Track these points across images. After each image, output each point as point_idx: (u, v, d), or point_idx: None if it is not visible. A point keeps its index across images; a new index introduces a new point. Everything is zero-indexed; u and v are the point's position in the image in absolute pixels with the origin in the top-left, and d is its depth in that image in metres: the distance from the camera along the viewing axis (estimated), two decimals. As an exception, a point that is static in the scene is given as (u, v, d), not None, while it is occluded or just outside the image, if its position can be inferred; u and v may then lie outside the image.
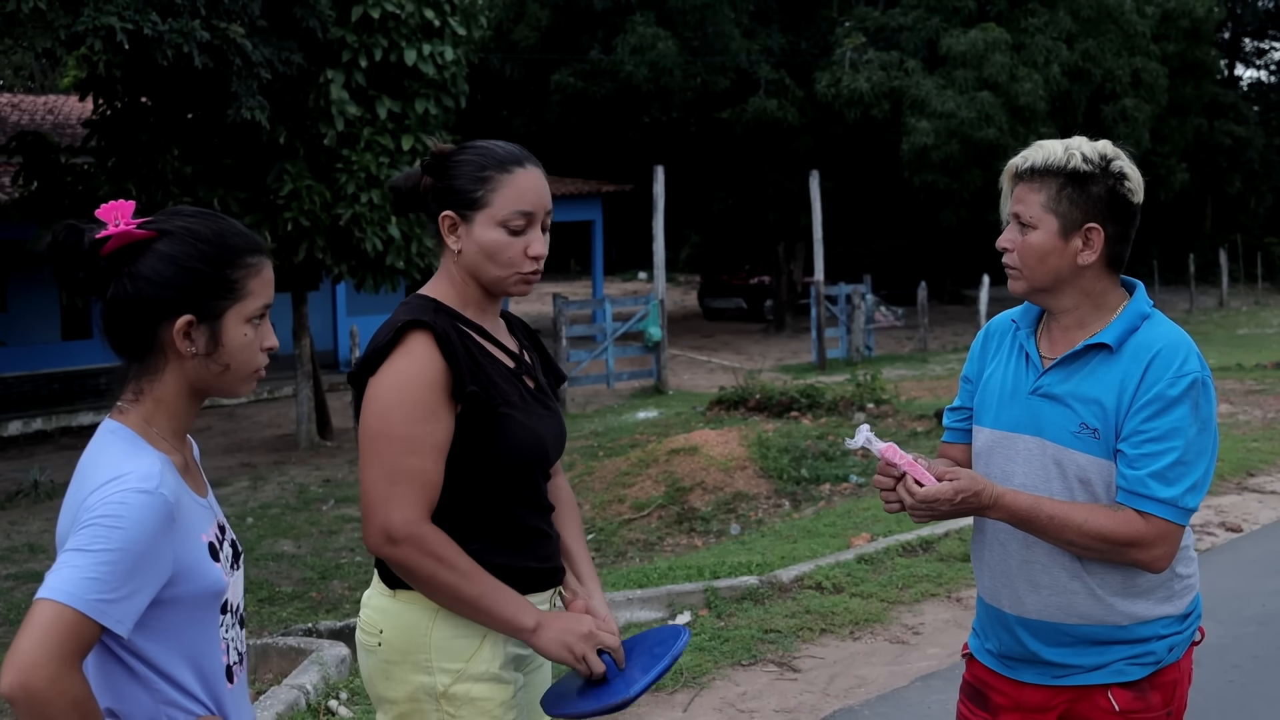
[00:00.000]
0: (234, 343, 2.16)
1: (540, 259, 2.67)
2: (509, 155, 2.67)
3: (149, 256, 2.10)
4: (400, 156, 16.14)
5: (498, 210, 2.62)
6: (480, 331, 2.69)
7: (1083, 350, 2.69)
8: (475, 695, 2.61)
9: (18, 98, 27.76)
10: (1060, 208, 2.64)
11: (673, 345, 26.43)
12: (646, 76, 25.37)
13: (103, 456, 2.07)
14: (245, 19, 13.47)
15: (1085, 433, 2.64)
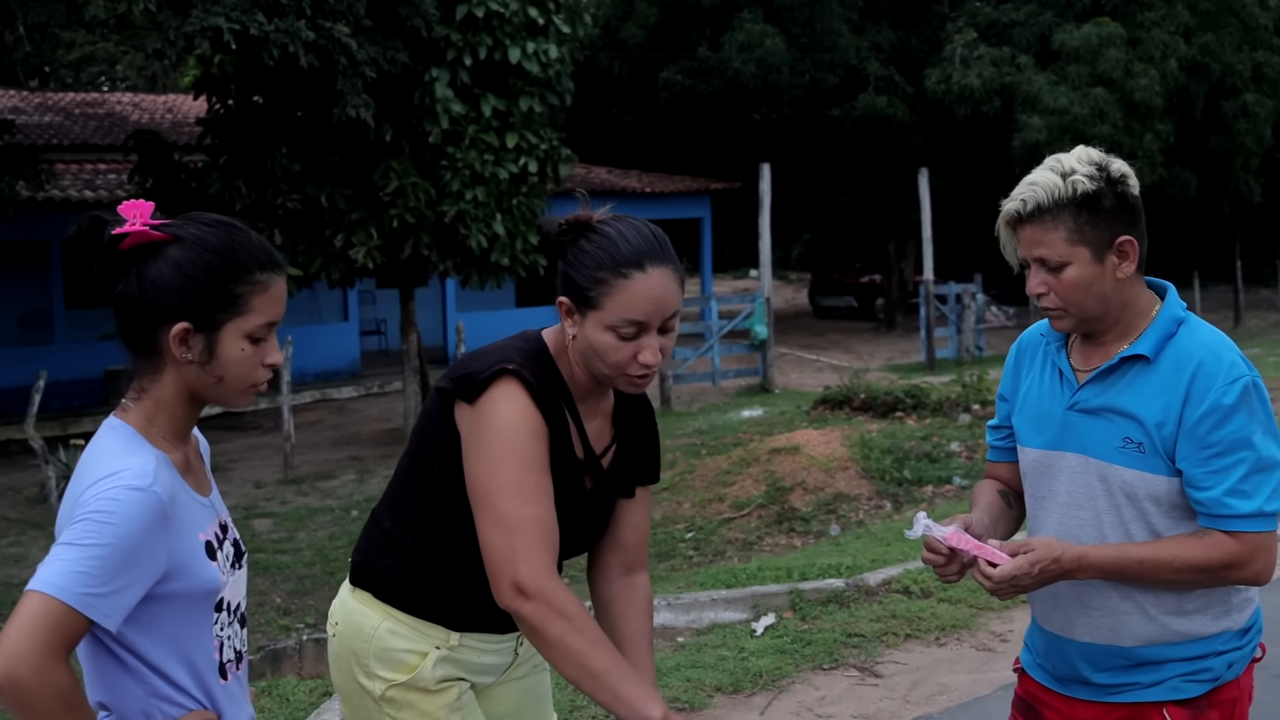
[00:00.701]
0: (229, 356, 2.15)
1: (651, 366, 2.48)
2: (630, 256, 2.44)
3: (159, 260, 2.11)
4: (505, 154, 16.23)
5: (608, 315, 2.43)
6: (574, 410, 2.58)
7: (1119, 363, 2.57)
8: (413, 700, 2.62)
9: (139, 97, 28.43)
10: (1085, 236, 2.51)
11: (781, 343, 26.27)
12: (754, 74, 25.24)
13: (101, 453, 2.09)
14: (350, 19, 13.63)
15: (1130, 447, 2.53)
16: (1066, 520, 2.62)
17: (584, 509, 2.62)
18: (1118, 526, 2.56)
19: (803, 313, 35.17)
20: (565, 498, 2.54)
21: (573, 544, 2.65)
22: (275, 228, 15.54)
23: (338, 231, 15.75)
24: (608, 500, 2.69)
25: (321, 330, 23.71)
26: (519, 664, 2.80)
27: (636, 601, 2.70)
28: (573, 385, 2.58)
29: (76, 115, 25.17)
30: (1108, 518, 2.57)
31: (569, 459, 2.56)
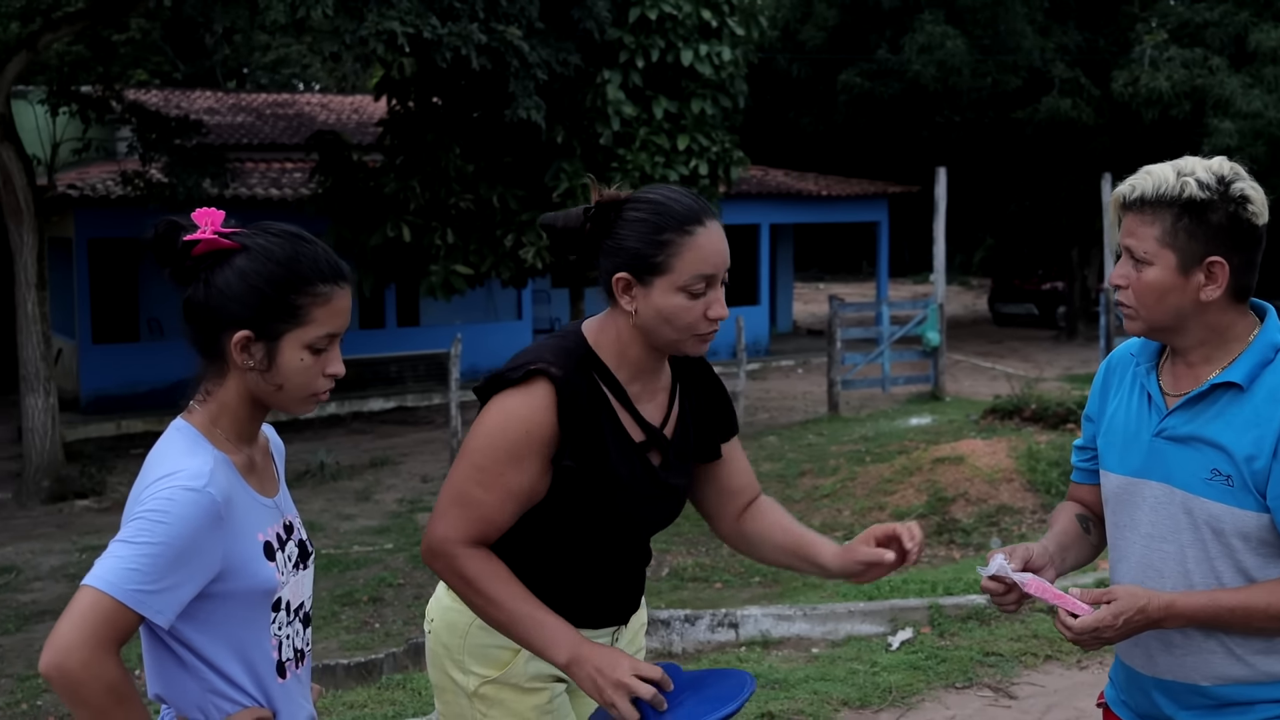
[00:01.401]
0: (289, 366, 2.19)
1: (722, 318, 2.52)
2: (688, 213, 2.49)
3: (226, 268, 2.16)
4: (675, 156, 16.27)
5: (679, 275, 2.47)
6: (622, 396, 2.60)
7: (1209, 390, 2.43)
8: (505, 699, 2.66)
9: (327, 98, 29.25)
10: (1178, 241, 2.38)
11: (957, 350, 25.83)
12: (934, 76, 24.83)
13: (163, 453, 2.15)
14: (523, 21, 13.81)
15: (1218, 479, 2.39)
16: (1149, 553, 2.50)
17: (658, 486, 2.65)
18: (1203, 562, 2.43)
19: (982, 319, 34.50)
20: (633, 482, 2.59)
21: (655, 520, 2.70)
22: (448, 227, 15.84)
23: (508, 231, 15.97)
24: (682, 469, 2.72)
25: (495, 328, 24.06)
26: None
27: (769, 514, 2.82)
28: (622, 370, 2.60)
29: (267, 115, 26.00)
30: (1192, 552, 2.44)
31: (625, 444, 2.59)
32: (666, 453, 2.67)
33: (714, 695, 2.44)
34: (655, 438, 2.64)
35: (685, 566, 11.56)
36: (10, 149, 14.69)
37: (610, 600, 2.72)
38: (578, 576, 2.65)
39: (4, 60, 14.84)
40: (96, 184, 19.65)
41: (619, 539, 2.66)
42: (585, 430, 2.52)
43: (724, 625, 6.46)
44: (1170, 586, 2.46)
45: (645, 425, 2.63)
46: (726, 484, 2.82)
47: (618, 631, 2.76)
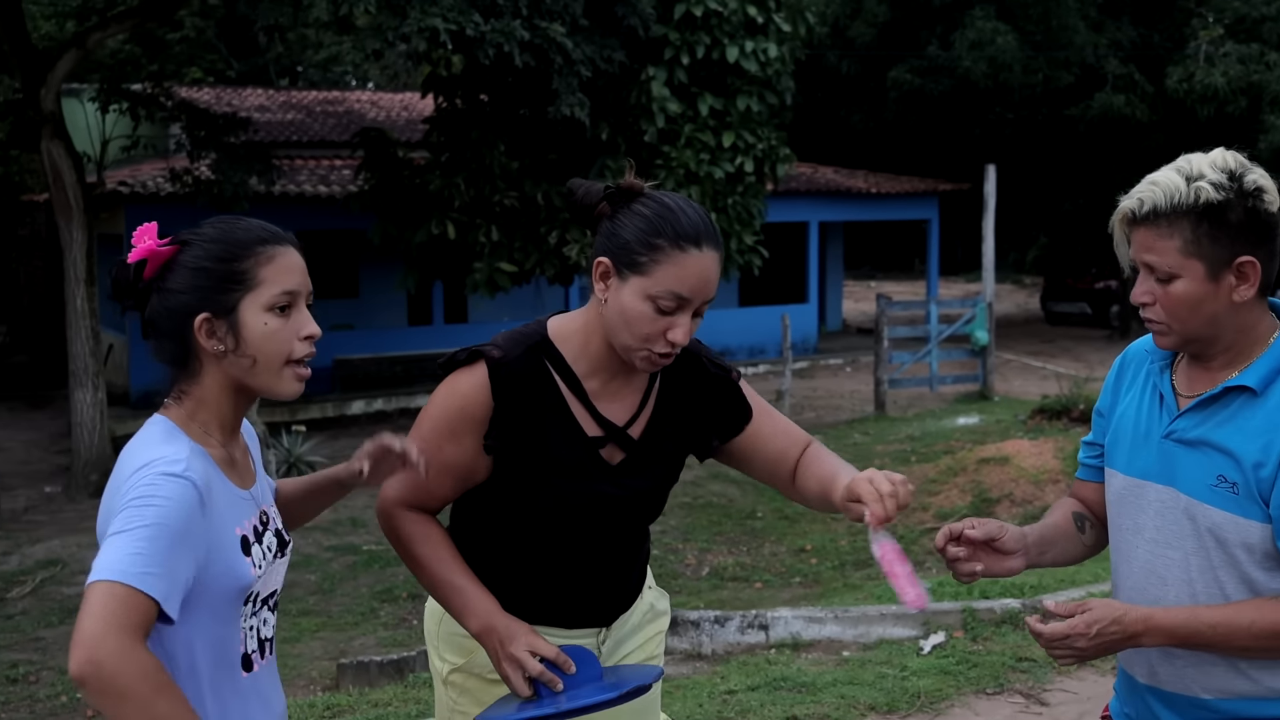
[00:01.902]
0: (254, 333, 2.16)
1: (679, 345, 2.47)
2: (690, 230, 2.43)
3: (173, 270, 2.18)
4: (721, 153, 16.20)
5: (654, 284, 2.42)
6: (577, 388, 2.57)
7: (1222, 393, 2.33)
8: (472, 688, 2.67)
9: (378, 95, 29.38)
10: (1202, 249, 2.27)
11: (1008, 350, 25.60)
12: (985, 72, 24.61)
13: (138, 444, 2.13)
14: (566, 18, 13.78)
15: (1223, 486, 2.29)
16: (1153, 558, 2.41)
17: (613, 484, 2.59)
18: (1206, 571, 2.34)
19: (1034, 318, 34.17)
20: (581, 474, 2.56)
21: (610, 518, 2.62)
22: (492, 224, 15.84)
23: (552, 229, 15.95)
24: (649, 472, 2.65)
25: (543, 326, 24.09)
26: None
27: (809, 468, 2.69)
28: (581, 362, 2.58)
29: (317, 113, 26.12)
30: (1195, 561, 2.35)
31: (574, 436, 2.56)
32: (630, 452, 2.62)
33: (612, 683, 2.44)
34: (615, 435, 2.60)
35: (725, 566, 11.51)
36: (60, 146, 14.81)
37: (584, 600, 2.67)
38: (546, 573, 2.63)
39: (54, 58, 14.96)
40: (147, 181, 19.81)
41: (581, 534, 2.61)
42: (522, 414, 2.52)
43: (754, 627, 6.39)
44: (1174, 595, 2.38)
45: (602, 421, 2.58)
46: (765, 455, 2.76)
47: (603, 634, 2.71)
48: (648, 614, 2.86)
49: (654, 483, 2.68)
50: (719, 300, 26.28)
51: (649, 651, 2.85)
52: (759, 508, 13.52)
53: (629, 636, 2.80)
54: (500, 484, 2.57)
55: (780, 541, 12.28)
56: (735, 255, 16.74)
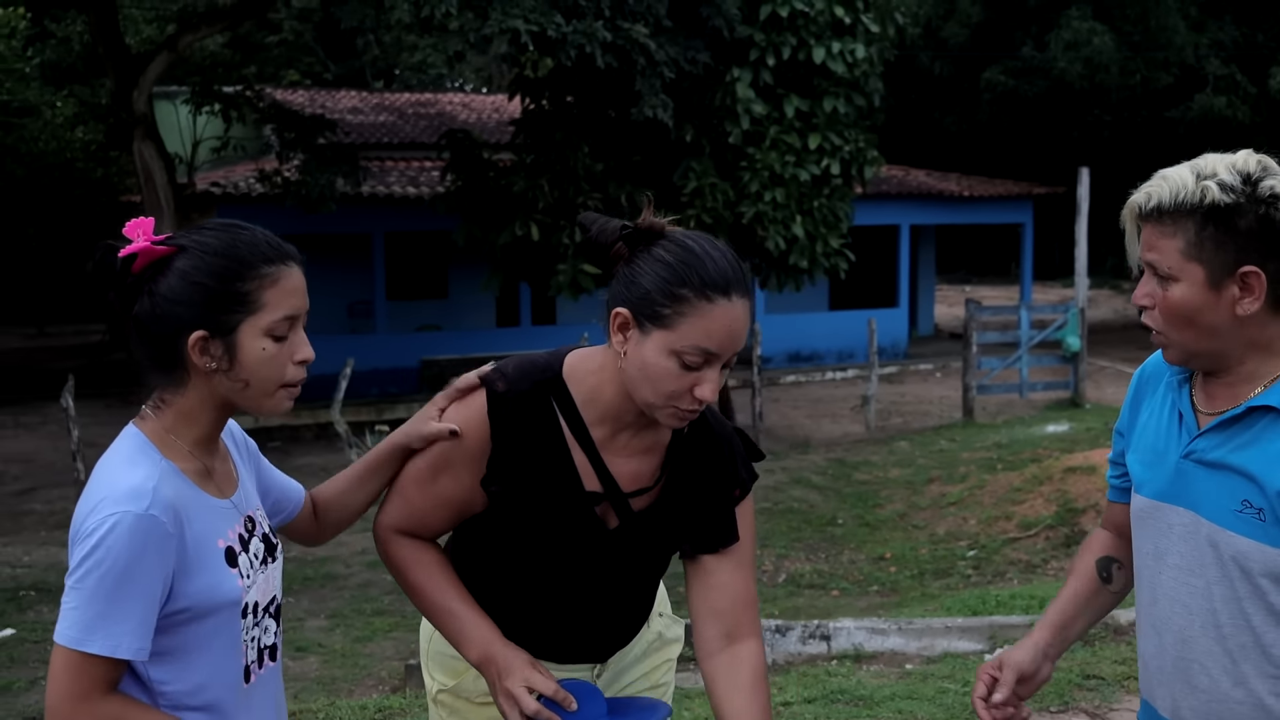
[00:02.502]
0: (251, 357, 2.08)
1: (708, 401, 2.25)
2: (718, 279, 2.20)
3: (168, 274, 2.08)
4: (806, 155, 16.06)
5: (679, 338, 2.19)
6: (584, 437, 2.37)
7: (1245, 412, 2.16)
8: (460, 709, 2.58)
9: (469, 97, 29.56)
10: (1204, 253, 2.11)
11: (1102, 356, 25.13)
12: (1080, 73, 24.21)
13: (107, 464, 2.08)
14: (650, 19, 13.73)
15: (1248, 511, 2.13)
16: (1178, 587, 2.25)
17: (606, 548, 2.43)
18: (1230, 602, 2.18)
19: (1132, 325, 33.47)
20: (566, 532, 2.39)
21: (605, 580, 2.48)
22: (575, 226, 15.81)
23: (635, 230, 15.90)
24: (645, 546, 2.47)
25: (629, 328, 24.06)
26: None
27: (739, 678, 2.39)
28: (591, 408, 2.38)
29: (409, 115, 26.32)
30: (1219, 590, 2.19)
31: (571, 485, 2.37)
32: (628, 521, 2.43)
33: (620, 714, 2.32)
34: (615, 498, 2.40)
35: (803, 573, 11.37)
36: (151, 147, 15.06)
37: (578, 639, 2.53)
38: (538, 609, 2.48)
39: (146, 61, 15.20)
40: (239, 182, 20.09)
41: (573, 583, 2.46)
42: (521, 454, 2.36)
43: (816, 637, 6.28)
44: (1199, 625, 2.23)
45: (605, 476, 2.39)
46: (714, 599, 2.46)
47: (598, 669, 2.59)
48: (654, 643, 2.70)
49: (647, 553, 2.50)
50: (809, 304, 26.19)
51: (654, 680, 2.71)
52: (840, 514, 13.36)
53: (631, 666, 2.67)
54: (495, 518, 2.42)
55: (860, 549, 12.12)
56: (821, 259, 16.58)
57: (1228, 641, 2.21)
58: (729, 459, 2.49)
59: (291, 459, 16.38)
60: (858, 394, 19.34)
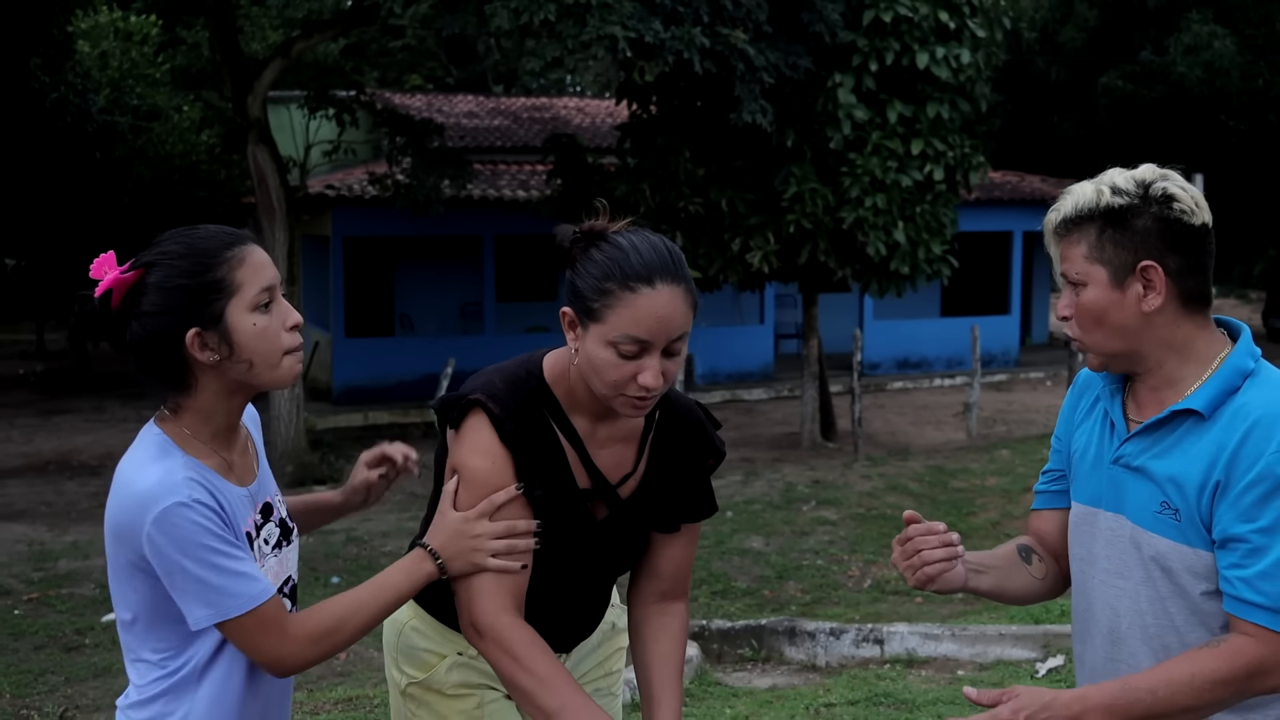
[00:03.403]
0: (245, 336, 2.21)
1: (651, 389, 2.34)
2: (639, 269, 2.31)
3: (146, 292, 2.21)
4: (909, 161, 15.97)
5: (610, 330, 2.31)
6: (573, 436, 2.50)
7: (1169, 416, 2.25)
8: (430, 701, 2.66)
9: (584, 102, 29.84)
10: (1105, 254, 2.22)
11: (1222, 366, 24.61)
12: (1200, 78, 23.71)
13: (135, 462, 2.22)
14: (749, 25, 13.80)
15: (1166, 513, 2.22)
16: (1106, 589, 2.34)
17: (596, 539, 2.56)
18: (1155, 602, 2.26)
19: (1257, 335, 32.76)
20: (568, 526, 2.50)
21: (590, 570, 2.61)
22: (677, 230, 15.96)
23: (736, 235, 15.98)
24: (631, 531, 2.60)
25: (738, 331, 24.13)
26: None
27: (669, 628, 2.64)
28: (574, 410, 2.49)
29: (523, 119, 26.67)
30: (1144, 591, 2.27)
31: (567, 488, 2.49)
32: (615, 510, 2.56)
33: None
34: (604, 491, 2.53)
35: (889, 579, 11.36)
36: (265, 151, 15.48)
37: (548, 629, 2.54)
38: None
39: (261, 67, 15.65)
40: (353, 185, 20.56)
41: (556, 576, 2.56)
42: (529, 462, 2.45)
43: (869, 641, 6.34)
44: (1126, 627, 2.31)
45: (594, 472, 2.52)
46: (658, 565, 2.66)
47: (562, 659, 2.67)
48: (608, 632, 2.83)
49: (635, 539, 2.64)
50: (919, 310, 26.00)
51: (607, 669, 2.84)
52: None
53: (589, 654, 2.79)
54: None
55: (949, 556, 12.08)
56: (923, 265, 16.48)
57: (1153, 641, 2.28)
58: (699, 432, 2.62)
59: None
60: (964, 401, 19.19)
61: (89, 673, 8.21)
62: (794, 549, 12.26)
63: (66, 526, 13.08)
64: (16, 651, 8.82)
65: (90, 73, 21.41)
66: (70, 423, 19.70)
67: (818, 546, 12.38)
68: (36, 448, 17.87)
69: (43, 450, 17.68)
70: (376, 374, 20.92)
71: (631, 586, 2.71)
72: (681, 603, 2.68)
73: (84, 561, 11.37)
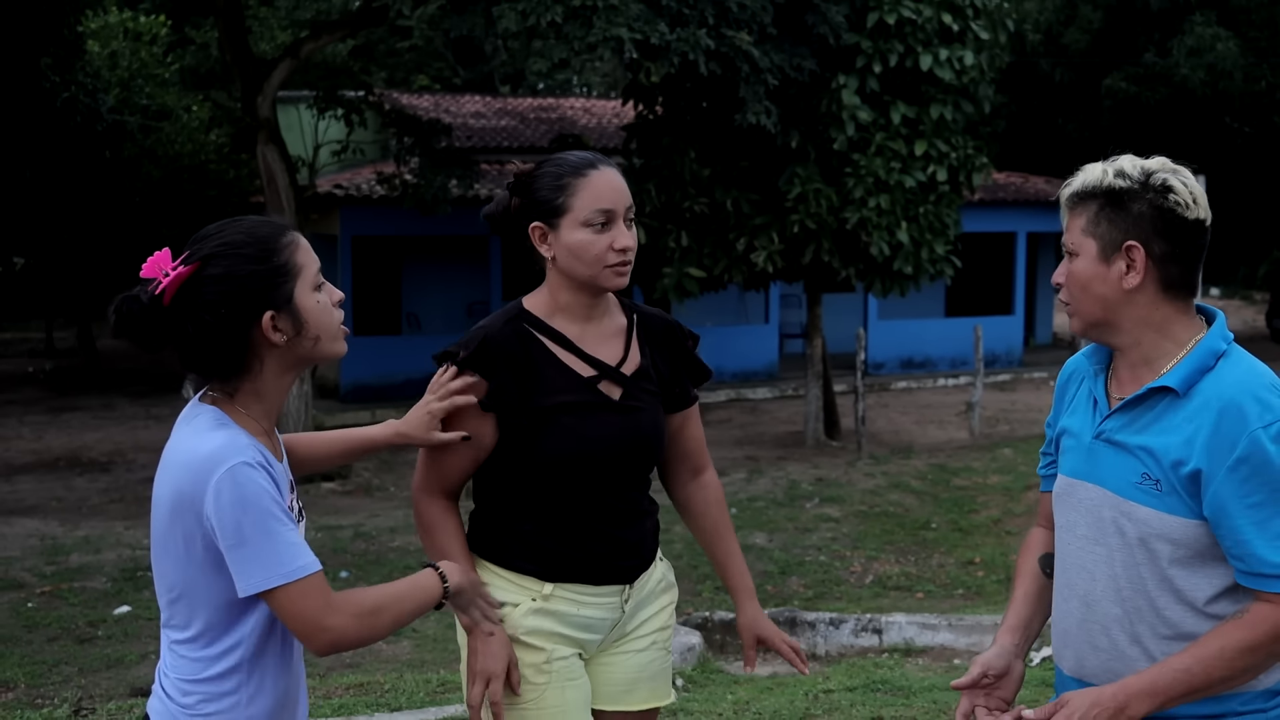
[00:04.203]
0: (313, 313, 2.39)
1: (627, 250, 2.81)
2: (582, 161, 2.83)
3: (208, 284, 2.31)
4: (912, 162, 16.09)
5: (580, 212, 2.78)
6: (561, 340, 2.87)
7: (1147, 394, 2.42)
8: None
9: (591, 103, 29.98)
10: (1099, 230, 2.42)
11: (1225, 367, 24.69)
12: (1203, 80, 23.80)
13: (190, 439, 2.33)
14: (754, 27, 13.93)
15: (1147, 484, 2.38)
16: (1084, 555, 2.51)
17: (619, 413, 2.88)
18: (1130, 567, 2.43)
19: (1259, 335, 32.82)
20: (583, 409, 2.84)
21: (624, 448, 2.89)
22: (682, 230, 16.09)
23: (740, 235, 16.11)
24: (648, 406, 2.94)
25: (743, 331, 24.26)
26: (636, 636, 3.00)
27: (710, 498, 3.15)
28: (557, 317, 2.89)
29: (531, 119, 26.82)
30: (1120, 556, 2.44)
31: (571, 379, 2.85)
32: (626, 387, 2.90)
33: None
34: (608, 373, 2.88)
35: (890, 575, 11.49)
36: (274, 150, 15.62)
37: (606, 552, 2.90)
38: (568, 526, 2.85)
39: (270, 67, 15.80)
40: (361, 184, 20.70)
41: (594, 472, 2.85)
42: (515, 373, 2.80)
43: (868, 630, 6.47)
44: (1100, 589, 2.46)
45: (593, 362, 2.87)
46: (682, 446, 3.11)
47: (627, 592, 2.94)
48: (661, 583, 3.08)
49: (651, 414, 2.95)
50: (924, 310, 26.12)
51: (663, 621, 3.08)
52: (934, 519, 13.44)
53: (646, 603, 3.02)
54: (513, 444, 2.83)
55: (950, 553, 12.20)
56: (926, 265, 16.60)
57: (1126, 604, 2.44)
58: (671, 321, 3.08)
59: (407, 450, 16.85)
60: (966, 400, 19.32)
61: (102, 664, 8.36)
62: (797, 545, 12.38)
63: (78, 521, 13.23)
64: (31, 643, 8.97)
65: (100, 72, 21.54)
66: (79, 420, 19.87)
67: (820, 543, 12.49)
68: (46, 444, 18.03)
69: (53, 447, 17.84)
70: (384, 372, 21.06)
71: (666, 476, 3.17)
72: (709, 472, 3.18)
73: (95, 556, 11.52)
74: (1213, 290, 44.55)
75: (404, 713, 5.24)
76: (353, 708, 5.43)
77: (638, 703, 3.01)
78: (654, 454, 2.99)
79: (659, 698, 3.06)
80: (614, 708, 3.00)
